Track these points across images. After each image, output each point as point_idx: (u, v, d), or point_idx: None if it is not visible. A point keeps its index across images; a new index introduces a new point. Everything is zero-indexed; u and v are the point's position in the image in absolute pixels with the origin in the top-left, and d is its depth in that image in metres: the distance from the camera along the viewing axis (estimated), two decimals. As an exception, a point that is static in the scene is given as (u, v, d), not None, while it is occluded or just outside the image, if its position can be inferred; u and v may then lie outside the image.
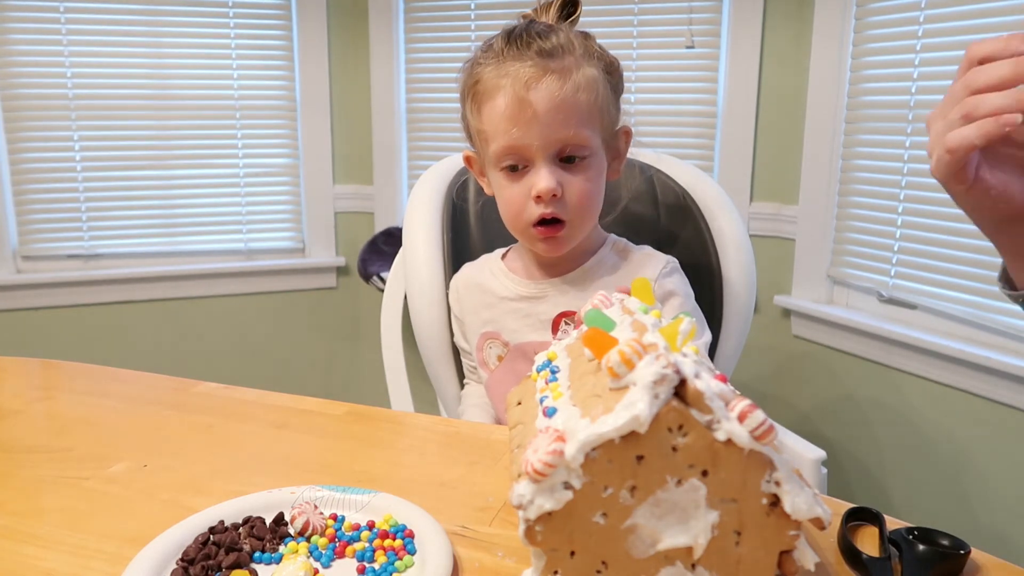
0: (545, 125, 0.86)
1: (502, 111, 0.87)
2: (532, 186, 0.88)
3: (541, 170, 0.88)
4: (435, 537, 0.55)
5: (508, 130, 0.87)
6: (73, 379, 0.96)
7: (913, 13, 1.64)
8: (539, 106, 0.86)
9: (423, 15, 2.26)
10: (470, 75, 0.92)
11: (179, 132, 2.27)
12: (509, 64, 0.87)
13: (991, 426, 1.57)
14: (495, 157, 0.90)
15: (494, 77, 0.88)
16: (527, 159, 0.89)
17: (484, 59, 0.90)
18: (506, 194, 0.92)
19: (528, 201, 0.89)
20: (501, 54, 0.89)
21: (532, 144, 0.87)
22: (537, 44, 0.88)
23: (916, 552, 0.53)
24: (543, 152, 0.87)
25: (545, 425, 0.48)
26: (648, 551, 0.46)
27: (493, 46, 0.90)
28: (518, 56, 0.88)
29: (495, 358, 0.99)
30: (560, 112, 0.86)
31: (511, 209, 0.92)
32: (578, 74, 0.87)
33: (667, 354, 0.45)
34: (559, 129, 0.87)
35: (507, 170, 0.90)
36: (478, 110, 0.91)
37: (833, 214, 1.87)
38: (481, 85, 0.90)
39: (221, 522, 0.57)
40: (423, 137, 2.33)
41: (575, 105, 0.87)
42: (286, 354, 2.45)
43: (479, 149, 0.95)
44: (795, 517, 0.45)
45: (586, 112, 0.88)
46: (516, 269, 1.00)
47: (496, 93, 0.88)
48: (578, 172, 0.89)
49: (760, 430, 0.44)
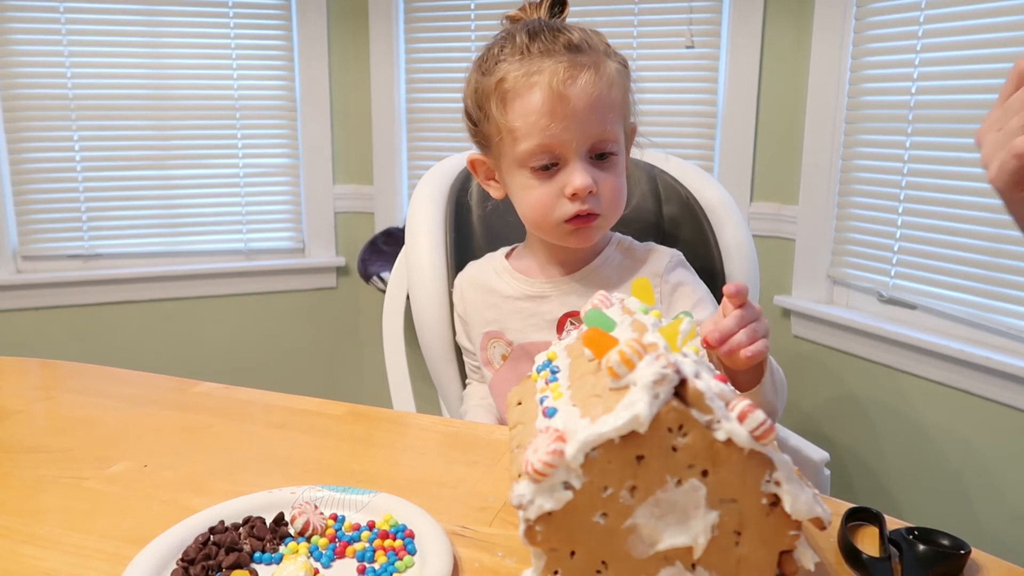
0: (582, 121, 0.84)
1: (538, 108, 0.84)
2: (566, 184, 0.86)
3: (576, 167, 0.86)
4: (435, 537, 0.55)
5: (546, 127, 0.84)
6: (73, 379, 0.96)
7: (913, 13, 1.64)
8: (577, 102, 0.84)
9: (423, 15, 2.26)
10: (489, 73, 0.88)
11: (179, 132, 2.27)
12: (539, 60, 0.85)
13: (991, 426, 1.57)
14: (525, 156, 0.87)
15: (524, 74, 0.85)
16: (560, 157, 0.86)
17: (504, 56, 0.87)
18: (534, 194, 0.89)
19: (560, 199, 0.87)
20: (525, 50, 0.86)
21: (569, 141, 0.85)
22: (565, 37, 0.86)
23: (916, 552, 0.53)
24: (578, 149, 0.86)
25: (545, 425, 0.48)
26: (648, 551, 0.46)
27: (513, 42, 0.88)
28: (547, 51, 0.85)
29: (499, 357, 0.98)
30: (597, 108, 0.85)
31: (540, 209, 0.89)
32: (608, 69, 0.86)
33: (667, 354, 0.45)
34: (595, 125, 0.85)
35: (537, 169, 0.87)
36: (504, 108, 0.87)
37: (833, 214, 1.87)
38: (508, 82, 0.86)
39: (221, 522, 0.57)
40: (423, 137, 2.33)
41: (609, 101, 0.86)
42: (286, 354, 2.45)
43: (497, 150, 0.91)
44: (795, 517, 0.45)
45: (618, 108, 0.87)
46: (521, 268, 0.99)
47: (529, 90, 0.85)
48: (609, 168, 0.88)
49: (760, 430, 0.44)
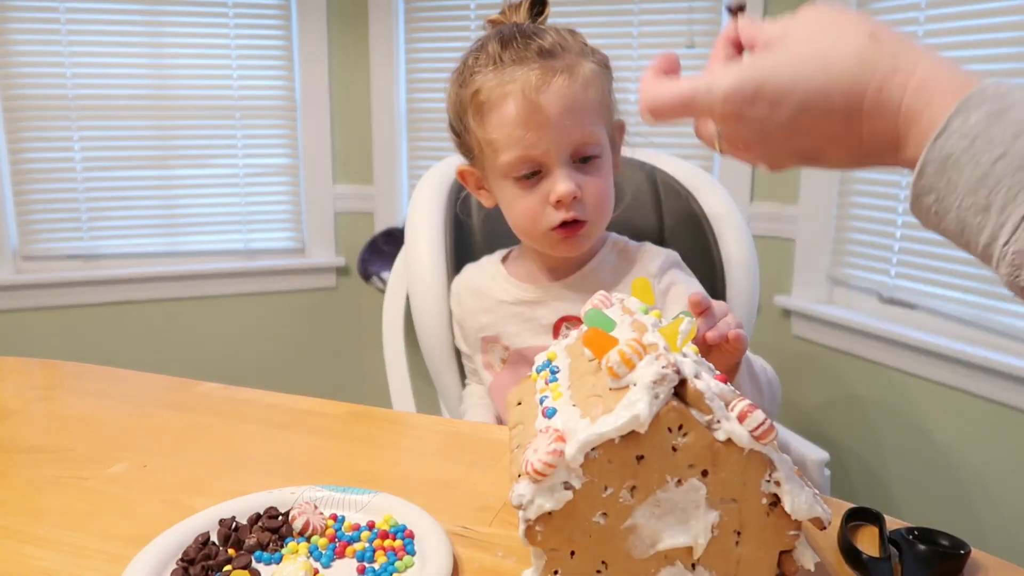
0: (560, 128, 0.83)
1: (513, 118, 0.83)
2: (550, 192, 0.85)
3: (559, 174, 0.85)
4: (435, 537, 0.55)
5: (522, 137, 0.83)
6: (73, 379, 0.96)
7: (913, 13, 1.64)
8: (552, 109, 0.82)
9: (423, 15, 2.26)
10: (466, 85, 0.87)
11: (179, 132, 2.27)
12: (512, 69, 0.84)
13: (991, 426, 1.57)
14: (506, 167, 0.86)
15: (497, 84, 0.84)
16: (542, 165, 0.85)
17: (479, 67, 0.86)
18: (520, 204, 0.88)
19: (546, 208, 0.86)
20: (498, 59, 0.85)
21: (548, 149, 0.84)
22: (536, 44, 0.84)
23: (916, 552, 0.53)
24: (559, 156, 0.84)
25: (545, 425, 0.48)
26: (648, 551, 0.46)
27: (486, 51, 0.86)
28: (519, 59, 0.84)
29: (499, 361, 0.98)
30: (573, 113, 0.84)
31: (526, 218, 0.88)
32: (583, 71, 0.85)
33: (667, 354, 0.45)
34: (573, 130, 0.84)
35: (520, 179, 0.86)
36: (481, 121, 0.86)
37: (833, 214, 1.87)
38: (483, 94, 0.85)
39: (233, 517, 0.57)
40: (423, 137, 2.33)
41: (586, 103, 0.85)
42: (286, 354, 2.45)
43: (481, 161, 0.91)
44: (795, 517, 0.45)
45: (596, 109, 0.86)
46: (516, 273, 0.98)
47: (503, 101, 0.84)
48: (593, 172, 0.87)
49: (760, 430, 0.44)
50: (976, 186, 0.41)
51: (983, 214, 0.41)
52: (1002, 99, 0.41)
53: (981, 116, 0.41)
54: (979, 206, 0.41)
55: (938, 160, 0.42)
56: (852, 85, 0.44)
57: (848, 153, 0.47)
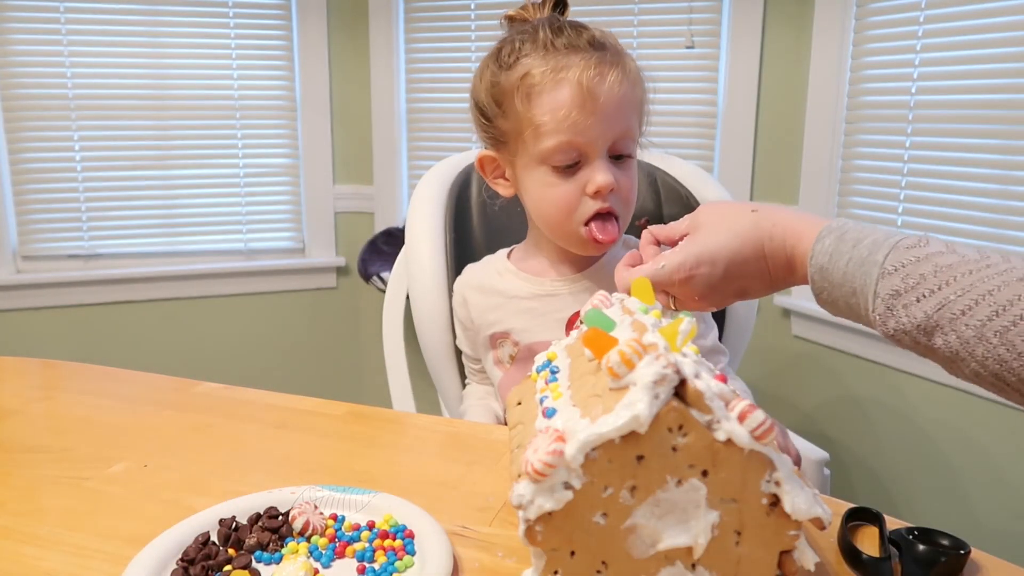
0: (608, 119, 0.83)
1: (567, 103, 0.82)
2: (588, 182, 0.84)
3: (598, 165, 0.84)
4: (435, 537, 0.55)
5: (574, 123, 0.82)
6: (73, 379, 0.96)
7: (913, 13, 1.64)
8: (606, 99, 0.83)
9: (423, 15, 2.26)
10: (511, 68, 0.86)
11: (179, 132, 2.27)
12: (565, 55, 0.84)
13: (991, 426, 1.57)
14: (548, 152, 0.85)
15: (552, 69, 0.83)
16: (583, 155, 0.85)
17: (528, 51, 0.86)
18: (554, 192, 0.86)
19: (582, 198, 0.86)
20: (550, 45, 0.85)
21: (596, 138, 0.83)
22: (588, 34, 0.85)
23: (916, 552, 0.53)
24: (601, 148, 0.84)
25: (545, 425, 0.48)
26: (648, 551, 0.46)
27: (536, 37, 0.86)
28: (572, 47, 0.84)
29: (508, 358, 0.97)
30: (622, 107, 0.84)
31: (560, 207, 0.87)
32: (632, 68, 0.86)
33: (667, 354, 0.45)
34: (619, 124, 0.84)
35: (558, 167, 0.85)
36: (530, 104, 0.84)
37: (833, 214, 1.87)
38: (535, 77, 0.84)
39: (233, 517, 0.57)
40: (423, 137, 2.33)
41: (633, 100, 0.86)
42: (286, 354, 2.45)
43: (512, 148, 0.90)
44: (795, 517, 0.45)
45: (638, 108, 0.87)
46: (527, 268, 0.97)
47: (557, 85, 0.83)
48: (625, 167, 0.87)
49: (760, 430, 0.44)
50: (842, 281, 0.61)
51: (853, 297, 0.60)
52: (840, 228, 0.62)
53: (832, 240, 0.62)
54: (849, 293, 0.60)
55: (816, 270, 0.62)
56: (754, 241, 0.66)
57: (764, 283, 0.69)
